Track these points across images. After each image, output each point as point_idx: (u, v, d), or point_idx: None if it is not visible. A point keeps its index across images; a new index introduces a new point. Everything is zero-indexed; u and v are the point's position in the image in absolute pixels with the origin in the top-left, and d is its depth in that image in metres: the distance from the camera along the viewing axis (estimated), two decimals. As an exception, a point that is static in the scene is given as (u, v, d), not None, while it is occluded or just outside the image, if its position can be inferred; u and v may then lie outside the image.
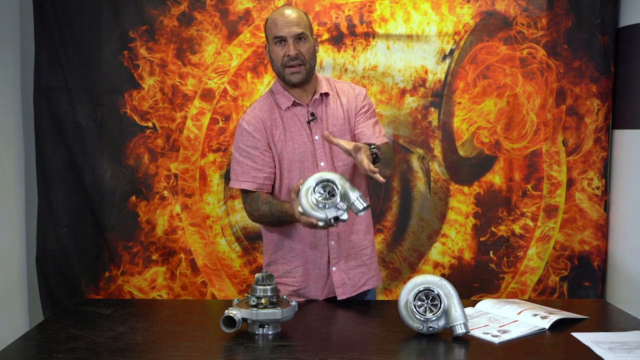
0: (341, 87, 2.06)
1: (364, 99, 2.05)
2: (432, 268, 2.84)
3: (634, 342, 1.62)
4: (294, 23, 1.90)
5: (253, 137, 1.96)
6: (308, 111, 1.98)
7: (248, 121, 1.98)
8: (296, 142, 1.96)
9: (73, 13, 2.71)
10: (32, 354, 1.55)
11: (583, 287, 2.83)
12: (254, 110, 2.01)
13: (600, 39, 2.72)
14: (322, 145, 1.97)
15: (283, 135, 1.96)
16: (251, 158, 1.96)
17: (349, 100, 2.03)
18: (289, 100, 1.97)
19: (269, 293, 1.67)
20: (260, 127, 1.97)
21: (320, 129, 1.97)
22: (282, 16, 1.91)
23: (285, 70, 1.92)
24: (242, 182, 1.97)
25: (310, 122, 1.97)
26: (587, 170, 2.79)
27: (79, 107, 2.75)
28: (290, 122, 1.98)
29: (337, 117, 2.00)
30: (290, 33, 1.89)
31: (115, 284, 2.82)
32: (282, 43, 1.91)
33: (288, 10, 1.92)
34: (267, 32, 1.95)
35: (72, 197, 2.78)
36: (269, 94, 2.04)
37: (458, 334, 1.63)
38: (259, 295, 1.66)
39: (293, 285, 2.03)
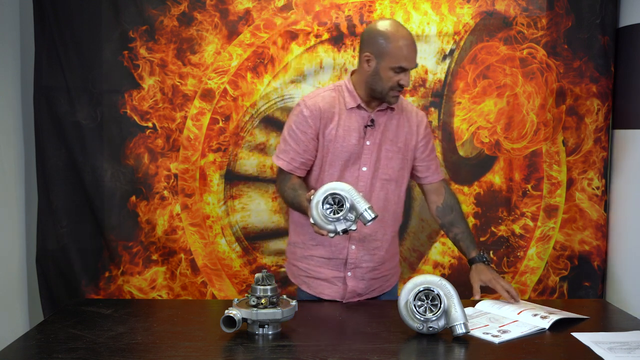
0: (406, 105, 2.11)
1: (426, 126, 2.12)
2: (432, 268, 2.84)
3: (634, 342, 1.62)
4: (416, 56, 1.95)
5: (307, 122, 2.00)
6: (369, 116, 2.01)
7: (308, 106, 2.01)
8: (346, 142, 2.00)
9: (73, 13, 2.71)
10: (32, 354, 1.55)
11: (583, 287, 2.83)
12: (316, 97, 2.03)
13: (600, 39, 2.72)
14: (370, 152, 2.01)
15: (335, 131, 2.00)
16: (296, 140, 2.01)
17: (410, 123, 2.08)
18: (354, 102, 2.01)
19: (269, 293, 1.67)
20: (317, 116, 2.00)
21: (374, 136, 2.01)
22: (409, 47, 1.91)
23: (390, 92, 1.95)
24: (280, 159, 2.04)
25: (368, 127, 2.01)
26: (587, 170, 2.79)
27: (79, 107, 2.74)
28: (347, 121, 2.01)
29: (396, 133, 2.05)
30: (412, 66, 1.93)
31: (115, 284, 2.82)
32: (401, 71, 1.92)
33: (413, 40, 1.93)
34: (386, 52, 1.92)
35: (72, 197, 2.78)
36: (336, 89, 2.06)
37: (458, 334, 1.63)
38: (259, 295, 1.66)
39: (307, 272, 2.08)
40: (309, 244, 2.07)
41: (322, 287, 2.06)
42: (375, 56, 1.93)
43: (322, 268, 2.06)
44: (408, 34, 1.94)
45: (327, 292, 2.06)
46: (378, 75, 1.94)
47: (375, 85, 1.96)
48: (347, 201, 1.72)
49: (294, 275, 2.15)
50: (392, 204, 2.07)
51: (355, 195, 1.74)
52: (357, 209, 1.73)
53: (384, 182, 2.03)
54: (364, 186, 2.01)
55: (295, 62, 2.75)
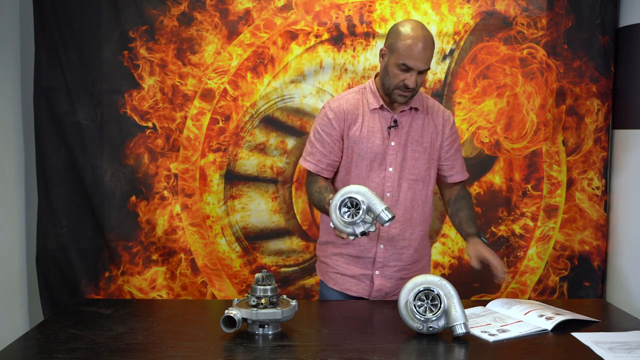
0: (431, 105, 2.10)
1: (452, 126, 2.12)
2: (432, 268, 2.84)
3: (634, 342, 1.62)
4: (427, 58, 1.91)
5: (331, 124, 2.03)
6: (392, 117, 2.02)
7: (332, 108, 2.05)
8: (370, 142, 2.01)
9: (73, 13, 2.71)
10: (32, 354, 1.55)
11: (583, 287, 2.83)
12: (340, 100, 2.07)
13: (600, 39, 2.72)
14: (395, 152, 2.02)
15: (359, 132, 2.02)
16: (322, 142, 2.04)
17: (436, 122, 2.08)
18: (377, 103, 2.03)
19: (269, 293, 1.67)
20: (341, 118, 2.03)
21: (398, 136, 2.02)
22: (418, 47, 1.89)
23: (396, 91, 1.95)
24: (307, 161, 2.08)
25: (391, 127, 2.02)
26: (587, 170, 2.79)
27: (79, 107, 2.74)
28: (371, 122, 2.03)
29: (421, 133, 2.05)
30: (418, 67, 1.90)
31: (115, 284, 2.82)
32: (406, 69, 1.91)
33: (426, 41, 1.90)
34: (395, 48, 1.92)
35: (72, 197, 2.78)
36: (360, 91, 2.08)
37: (458, 334, 1.63)
38: (259, 295, 1.67)
39: (335, 269, 2.11)
40: (339, 243, 2.10)
41: (350, 284, 2.09)
42: (388, 51, 1.96)
43: (351, 265, 2.09)
44: (422, 35, 1.91)
45: (354, 289, 2.08)
46: (387, 70, 1.96)
47: (384, 81, 1.98)
48: (363, 204, 1.73)
49: (322, 272, 2.19)
50: (420, 204, 2.08)
51: (371, 197, 1.75)
52: (374, 210, 1.74)
53: (411, 183, 2.04)
54: (391, 187, 2.03)
55: (295, 62, 2.75)
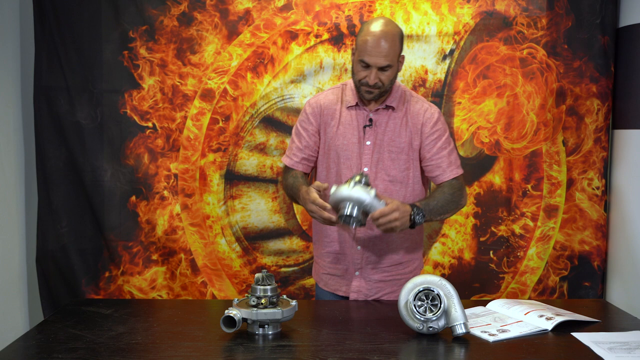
0: (414, 106, 2.02)
1: (434, 124, 2.00)
2: (432, 268, 2.84)
3: (634, 342, 1.62)
4: (383, 54, 1.86)
5: (308, 119, 2.05)
6: (367, 116, 2.00)
7: (310, 103, 2.07)
8: (346, 139, 2.00)
9: (73, 13, 2.71)
10: (32, 354, 1.55)
11: (583, 287, 2.83)
12: (319, 96, 2.08)
13: (600, 39, 2.72)
14: (370, 152, 2.00)
15: (336, 128, 2.01)
16: (299, 137, 2.06)
17: (415, 121, 2.00)
18: (353, 100, 2.01)
19: (269, 293, 1.67)
20: (318, 112, 2.04)
21: (374, 136, 2.00)
22: (374, 41, 1.86)
23: (362, 88, 1.93)
24: (285, 156, 2.09)
25: (366, 127, 2.00)
26: (587, 170, 2.79)
27: (79, 107, 2.75)
28: (347, 120, 2.01)
29: (398, 133, 2.00)
30: (375, 64, 1.87)
31: (115, 284, 2.82)
32: (366, 67, 1.89)
33: (382, 37, 1.86)
34: (357, 44, 1.92)
35: (72, 197, 2.78)
36: (341, 88, 2.08)
37: (458, 334, 1.63)
38: (259, 295, 1.66)
39: (324, 269, 2.12)
40: (325, 241, 2.10)
41: (338, 284, 2.09)
42: (355, 47, 1.95)
43: (336, 265, 2.09)
44: (381, 31, 1.86)
45: (343, 290, 2.08)
46: (353, 67, 1.96)
47: (352, 75, 1.98)
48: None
49: (315, 272, 2.19)
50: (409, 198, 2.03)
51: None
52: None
53: (387, 184, 2.00)
54: None
55: (295, 62, 2.76)
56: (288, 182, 2.04)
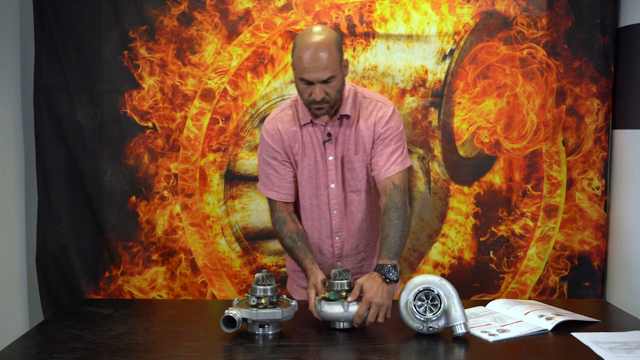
0: (366, 107, 1.92)
1: (386, 123, 1.91)
2: (432, 268, 2.84)
3: (634, 342, 1.62)
4: (322, 67, 1.74)
5: (272, 147, 1.94)
6: (325, 130, 1.92)
7: (267, 131, 1.95)
8: (310, 159, 1.92)
9: (73, 13, 2.71)
10: (32, 354, 1.55)
11: (583, 287, 2.83)
12: (274, 120, 1.96)
13: (600, 39, 2.72)
14: (334, 167, 1.93)
15: (302, 150, 1.92)
16: (273, 167, 1.95)
17: (367, 125, 1.91)
18: (307, 118, 1.91)
19: (269, 293, 1.67)
20: (278, 139, 1.93)
21: (335, 150, 1.92)
22: (309, 56, 1.73)
23: (312, 106, 1.83)
24: (268, 190, 1.97)
25: (326, 142, 1.92)
26: (587, 170, 2.79)
27: (79, 107, 2.74)
28: (307, 138, 1.93)
29: (355, 141, 1.91)
30: (317, 79, 1.75)
31: (115, 284, 2.82)
32: (308, 84, 1.78)
33: (316, 48, 1.73)
34: (294, 63, 1.80)
35: (72, 197, 2.78)
36: (292, 105, 1.96)
37: (458, 334, 1.63)
38: (259, 295, 1.66)
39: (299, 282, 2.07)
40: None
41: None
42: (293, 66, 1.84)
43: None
44: (316, 44, 1.74)
45: None
46: (297, 86, 1.83)
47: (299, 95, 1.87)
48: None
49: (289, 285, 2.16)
50: (368, 214, 1.98)
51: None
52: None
53: (353, 196, 1.95)
54: (337, 203, 1.95)
55: (295, 62, 2.75)
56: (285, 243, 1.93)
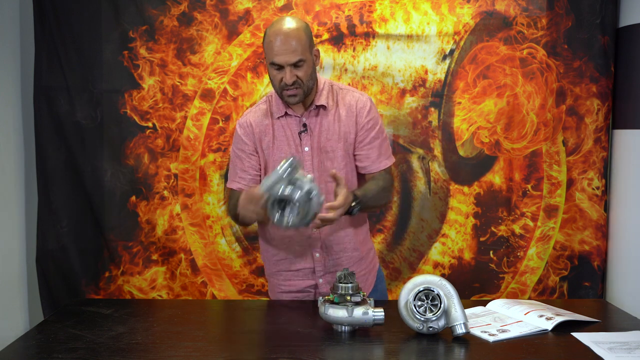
0: (343, 97, 1.97)
1: (368, 113, 1.95)
2: (432, 268, 2.84)
3: (634, 342, 1.62)
4: (291, 50, 1.80)
5: (242, 140, 1.99)
6: (301, 122, 1.94)
7: (240, 124, 2.00)
8: (283, 152, 1.94)
9: (73, 13, 2.71)
10: (32, 354, 1.55)
11: (583, 287, 2.83)
12: (248, 114, 2.02)
13: (600, 39, 2.72)
14: (310, 157, 1.94)
15: (272, 142, 1.95)
16: (240, 159, 1.99)
17: (348, 114, 1.94)
18: (281, 110, 1.95)
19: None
20: (250, 132, 1.97)
21: (311, 141, 1.94)
22: (278, 41, 1.80)
23: (283, 92, 1.87)
24: (231, 182, 2.03)
25: (302, 133, 1.94)
26: (587, 170, 2.79)
27: (79, 107, 2.75)
28: (280, 131, 1.95)
29: (332, 131, 1.94)
30: (287, 62, 1.81)
31: (115, 284, 2.82)
32: (279, 69, 1.83)
33: (285, 34, 1.81)
34: (264, 50, 1.87)
35: (72, 197, 2.78)
36: (266, 100, 2.01)
37: (458, 334, 1.63)
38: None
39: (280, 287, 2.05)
40: (273, 260, 2.04)
41: (298, 299, 2.02)
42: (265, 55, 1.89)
43: (293, 280, 2.02)
44: (285, 29, 1.81)
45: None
46: (269, 76, 1.89)
47: (273, 87, 1.91)
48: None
49: (271, 290, 2.12)
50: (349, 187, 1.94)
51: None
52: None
53: (329, 185, 1.90)
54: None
55: (295, 62, 2.75)
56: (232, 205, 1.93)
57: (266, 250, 2.07)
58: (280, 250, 2.02)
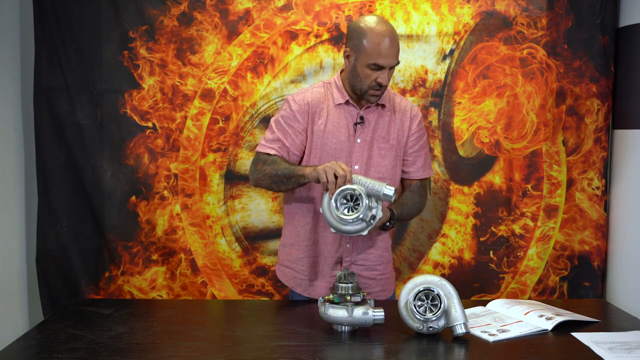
0: (399, 102, 2.07)
1: (419, 122, 2.07)
2: (432, 268, 2.84)
3: (634, 342, 1.62)
4: (395, 54, 1.89)
5: (294, 116, 1.98)
6: (358, 114, 1.99)
7: (297, 101, 2.00)
8: (335, 138, 1.97)
9: (73, 13, 2.71)
10: (32, 354, 1.55)
11: (583, 287, 2.83)
12: (305, 93, 2.02)
13: (600, 39, 2.72)
14: (361, 150, 1.98)
15: (324, 126, 1.97)
16: (284, 133, 1.98)
17: (403, 119, 2.04)
18: (343, 98, 1.99)
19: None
20: (305, 110, 1.98)
21: (364, 133, 1.98)
22: (387, 42, 1.86)
23: (370, 91, 1.92)
24: (267, 147, 1.99)
25: (357, 124, 1.98)
26: (587, 170, 2.79)
27: (79, 107, 2.74)
28: (336, 117, 1.98)
29: (387, 129, 2.01)
30: (390, 64, 1.88)
31: (115, 284, 2.82)
32: (378, 69, 1.88)
33: (392, 37, 1.88)
34: (363, 49, 1.88)
35: (72, 197, 2.78)
36: (325, 85, 2.04)
37: (458, 334, 1.63)
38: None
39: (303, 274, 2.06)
40: (303, 245, 2.05)
41: (320, 289, 2.04)
42: (354, 52, 1.91)
43: (318, 268, 2.04)
44: (387, 31, 1.88)
45: (324, 293, 2.02)
46: (356, 72, 1.92)
47: (354, 82, 1.94)
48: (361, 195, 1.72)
49: (289, 278, 2.12)
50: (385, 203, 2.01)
51: (365, 181, 1.74)
52: (375, 192, 1.73)
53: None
54: None
55: (295, 62, 2.75)
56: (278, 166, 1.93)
57: (296, 235, 2.06)
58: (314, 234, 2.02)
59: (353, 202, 1.75)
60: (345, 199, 1.75)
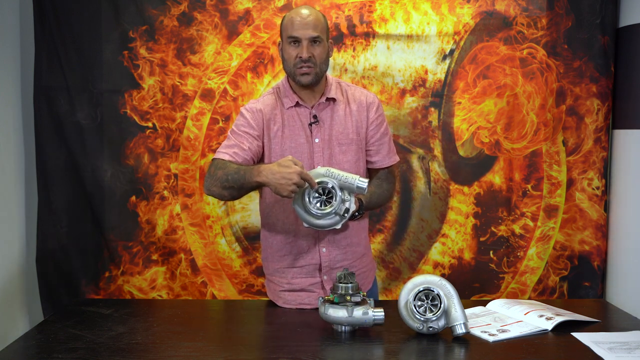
0: (353, 93, 2.02)
1: (377, 109, 2.02)
2: (432, 268, 2.84)
3: (634, 342, 1.62)
4: (311, 25, 1.87)
5: (249, 122, 1.96)
6: (311, 113, 1.96)
7: (249, 109, 1.99)
8: (293, 142, 1.95)
9: (73, 13, 2.71)
10: (32, 354, 1.55)
11: (583, 287, 2.83)
12: (257, 102, 2.02)
13: (600, 39, 2.72)
14: (321, 149, 1.95)
15: (281, 132, 1.95)
16: (239, 139, 1.94)
17: (359, 110, 1.99)
18: (292, 101, 1.96)
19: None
20: (259, 117, 1.96)
21: (322, 132, 1.96)
22: (299, 16, 1.88)
23: (296, 70, 1.90)
24: (222, 152, 1.92)
25: (312, 124, 1.96)
26: (587, 170, 2.79)
27: (79, 107, 2.74)
28: (290, 121, 1.96)
29: (344, 124, 1.97)
30: (305, 35, 1.87)
31: (115, 284, 2.82)
32: (296, 44, 1.89)
33: (306, 11, 1.90)
34: (283, 30, 1.93)
35: (72, 197, 2.78)
36: (274, 91, 2.03)
37: (458, 334, 1.63)
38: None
39: (282, 286, 2.01)
40: (277, 256, 2.02)
41: (301, 298, 1.99)
42: (281, 41, 1.95)
43: (297, 278, 1.99)
44: (303, 7, 1.92)
45: (307, 302, 1.98)
46: (283, 57, 1.94)
47: (285, 68, 1.94)
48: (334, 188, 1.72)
49: (271, 291, 2.07)
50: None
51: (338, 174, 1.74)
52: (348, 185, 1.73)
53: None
54: None
55: (295, 62, 2.75)
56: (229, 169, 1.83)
57: (270, 246, 2.04)
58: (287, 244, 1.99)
59: (326, 196, 1.74)
60: (318, 192, 1.75)
